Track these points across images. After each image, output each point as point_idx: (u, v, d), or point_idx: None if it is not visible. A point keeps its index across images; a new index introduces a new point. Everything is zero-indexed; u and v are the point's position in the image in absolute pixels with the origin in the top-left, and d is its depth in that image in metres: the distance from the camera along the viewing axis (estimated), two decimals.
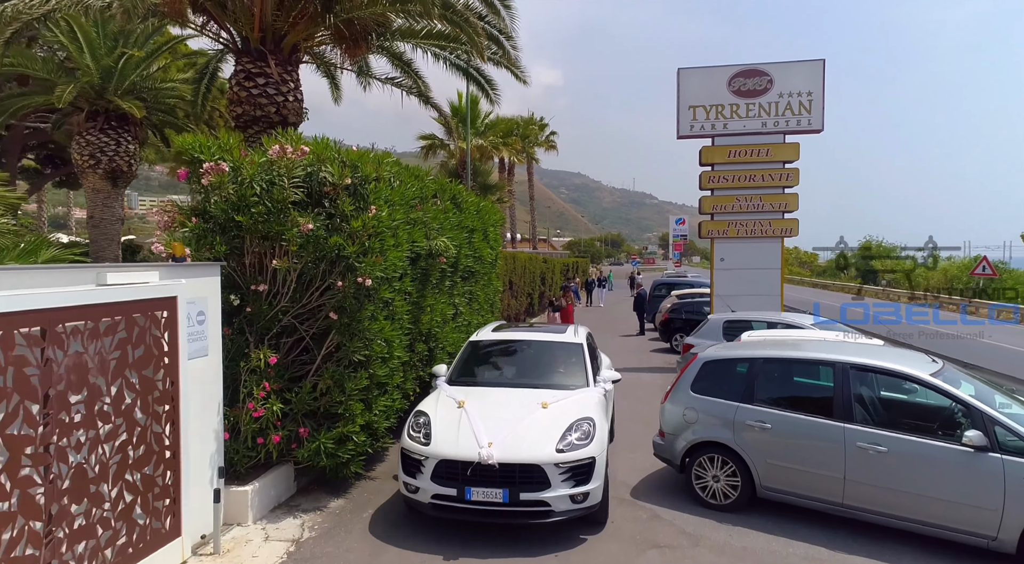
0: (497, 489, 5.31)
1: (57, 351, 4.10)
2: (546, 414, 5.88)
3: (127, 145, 14.92)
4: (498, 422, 5.73)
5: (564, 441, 5.52)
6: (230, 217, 6.27)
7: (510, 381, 6.95)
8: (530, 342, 7.56)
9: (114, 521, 4.55)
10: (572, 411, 5.92)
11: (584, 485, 5.42)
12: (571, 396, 6.31)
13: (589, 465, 5.47)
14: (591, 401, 6.28)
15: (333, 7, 9.65)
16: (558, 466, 5.37)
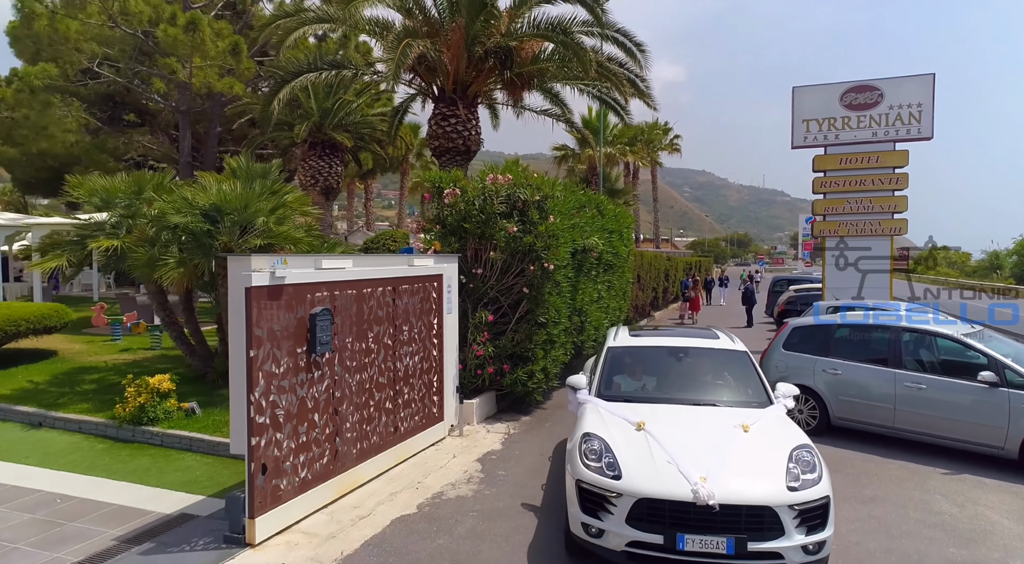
0: (719, 537, 4.21)
1: (397, 300, 7.42)
2: (751, 440, 4.82)
3: (337, 167, 19.21)
4: (696, 451, 4.66)
5: (791, 476, 4.45)
6: (459, 224, 9.52)
7: (681, 397, 5.78)
8: (687, 349, 6.43)
9: (415, 403, 7.85)
10: (781, 436, 4.89)
11: (818, 532, 4.34)
12: (764, 416, 5.26)
13: (824, 506, 4.41)
14: (784, 422, 5.30)
15: (509, 65, 12.86)
16: (792, 508, 4.28)
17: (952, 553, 5.35)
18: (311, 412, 6.01)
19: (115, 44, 19.82)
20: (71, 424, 8.45)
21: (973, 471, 7.31)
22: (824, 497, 4.42)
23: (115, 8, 17.55)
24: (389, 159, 27.11)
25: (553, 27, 12.75)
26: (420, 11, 13.27)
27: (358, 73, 14.73)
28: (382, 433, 7.12)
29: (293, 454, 5.78)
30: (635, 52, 14.02)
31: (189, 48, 17.34)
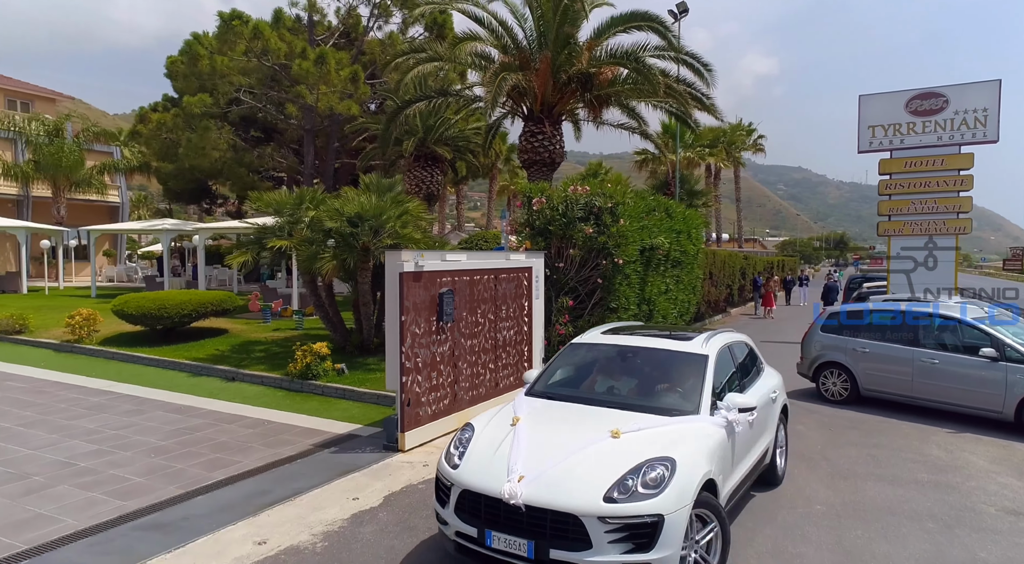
0: (522, 539, 4.07)
1: (498, 285, 9.68)
2: (612, 446, 4.46)
3: (437, 176, 21.90)
4: (548, 450, 4.47)
5: (622, 487, 4.07)
6: (545, 227, 11.68)
7: (599, 398, 5.52)
8: (637, 349, 5.92)
9: (510, 366, 10.08)
10: (650, 447, 4.39)
11: (642, 552, 3.92)
12: (665, 425, 4.76)
13: (653, 525, 3.94)
14: (689, 435, 4.66)
15: (589, 88, 14.91)
16: (604, 521, 3.94)
17: (922, 477, 6.98)
18: (439, 364, 8.35)
19: (253, 74, 23.39)
20: (255, 379, 11.29)
21: (974, 432, 8.72)
22: (654, 516, 3.91)
23: (258, 47, 20.96)
24: (481, 166, 29.70)
25: (626, 55, 14.70)
26: (514, 46, 15.56)
27: (459, 97, 17.22)
28: (487, 386, 9.40)
29: (427, 392, 8.13)
30: (703, 72, 15.70)
31: (317, 78, 20.48)
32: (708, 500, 4.39)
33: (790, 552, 5.17)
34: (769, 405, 6.28)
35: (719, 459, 4.73)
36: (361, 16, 26.15)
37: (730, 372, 5.85)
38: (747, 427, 5.48)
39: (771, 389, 6.45)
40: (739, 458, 5.32)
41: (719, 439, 4.86)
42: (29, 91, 38.19)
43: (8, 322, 14.74)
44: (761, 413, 5.84)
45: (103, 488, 6.32)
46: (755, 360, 6.71)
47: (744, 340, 6.71)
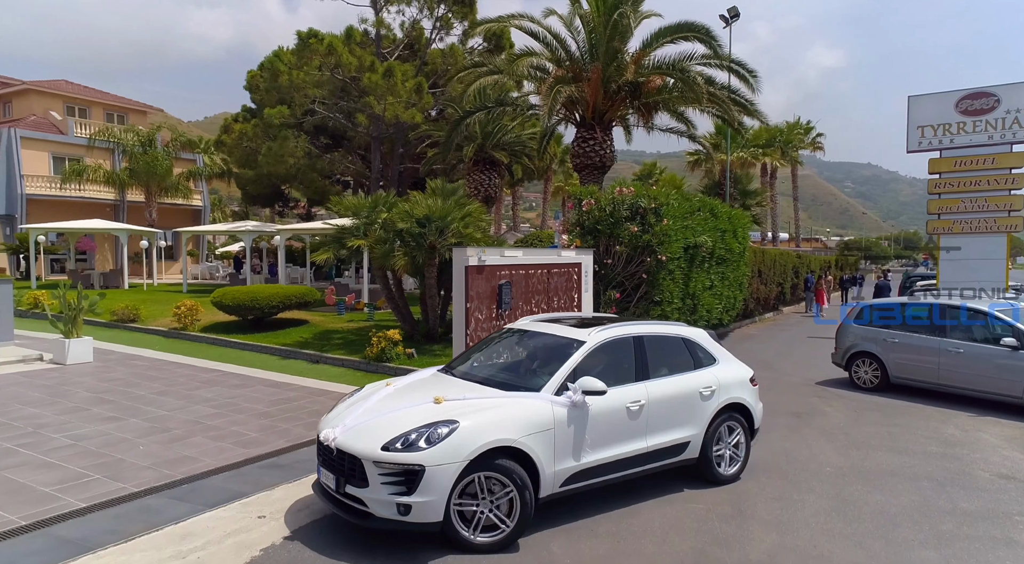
0: (332, 475, 5.06)
1: (550, 278, 10.85)
2: (425, 410, 5.11)
3: (495, 180, 23.24)
4: (378, 409, 5.31)
5: (401, 440, 4.78)
6: (594, 226, 12.76)
7: (478, 374, 6.12)
8: (535, 335, 6.48)
9: None
10: (453, 412, 5.01)
11: (406, 495, 4.67)
12: (495, 398, 5.32)
13: (415, 473, 4.65)
14: (506, 407, 5.17)
15: (638, 96, 15.89)
16: (378, 465, 4.72)
17: (932, 449, 7.76)
18: None
19: (325, 86, 25.31)
20: (336, 361, 12.82)
21: (995, 416, 9.33)
22: (417, 465, 4.61)
23: (332, 62, 22.80)
24: (536, 169, 30.92)
25: (671, 66, 15.62)
26: (567, 58, 16.70)
27: (515, 106, 18.47)
28: None
29: None
30: (747, 78, 16.43)
31: (385, 89, 22.14)
32: (504, 466, 4.89)
33: (794, 499, 6.14)
34: (692, 400, 6.20)
35: (541, 434, 5.11)
36: (424, 29, 27.81)
37: (623, 361, 6.03)
38: (624, 414, 5.67)
39: (703, 384, 6.31)
40: (602, 441, 5.51)
41: (545, 416, 5.18)
42: (124, 105, 41.74)
43: (124, 312, 16.88)
44: (670, 405, 6.00)
45: (228, 440, 7.82)
46: (694, 355, 6.55)
47: (675, 333, 6.59)
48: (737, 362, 6.95)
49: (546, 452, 5.14)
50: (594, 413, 5.47)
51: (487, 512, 4.93)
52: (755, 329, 20.64)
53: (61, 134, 36.05)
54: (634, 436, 5.78)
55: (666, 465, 6.14)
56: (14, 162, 33.19)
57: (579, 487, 5.47)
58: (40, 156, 34.57)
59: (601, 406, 5.53)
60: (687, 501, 6.05)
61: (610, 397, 5.58)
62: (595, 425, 5.48)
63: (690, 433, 6.21)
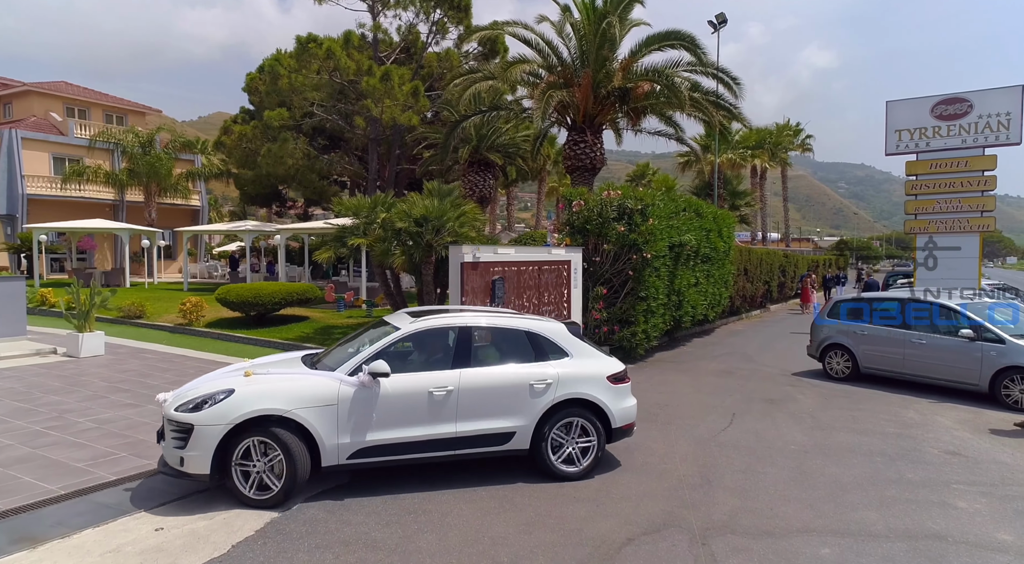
0: (167, 434, 5.77)
1: (541, 275, 11.50)
2: (229, 380, 5.93)
3: (490, 181, 23.88)
4: (208, 379, 6.24)
5: (191, 404, 5.65)
6: (583, 226, 13.42)
7: (320, 358, 6.77)
8: (382, 324, 6.97)
9: None
10: (240, 383, 5.79)
11: (182, 450, 5.52)
12: (290, 375, 6.01)
13: (188, 431, 5.52)
14: (291, 382, 5.85)
15: (627, 101, 16.58)
16: (169, 423, 5.70)
17: (889, 430, 8.45)
18: None
19: (324, 89, 25.89)
20: None
21: (954, 402, 10.04)
22: (188, 424, 5.51)
23: (330, 66, 23.41)
24: (530, 170, 31.58)
25: (657, 73, 16.35)
26: (559, 64, 17.36)
27: (510, 110, 19.13)
28: None
29: None
30: (731, 85, 17.15)
31: (382, 93, 22.76)
32: (275, 433, 5.54)
33: (757, 471, 6.81)
34: (519, 391, 6.22)
35: (322, 408, 5.68)
36: (420, 33, 28.41)
37: (439, 349, 6.43)
38: (427, 397, 5.95)
39: (536, 377, 6.29)
40: (398, 421, 5.87)
41: (330, 392, 5.74)
42: (123, 106, 42.20)
43: (131, 309, 17.45)
44: (487, 394, 6.12)
45: None
46: (538, 348, 6.52)
47: (518, 326, 6.64)
48: (599, 359, 6.77)
49: (327, 425, 5.68)
50: (388, 394, 5.86)
51: (262, 473, 5.60)
52: (741, 325, 21.34)
53: (61, 135, 36.52)
54: (440, 420, 6.00)
55: (486, 453, 6.22)
56: (15, 162, 33.66)
57: (372, 462, 5.89)
58: (41, 157, 35.05)
59: (399, 388, 5.90)
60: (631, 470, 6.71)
61: (411, 380, 5.97)
62: (388, 405, 5.86)
63: (515, 423, 6.20)
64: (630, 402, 6.79)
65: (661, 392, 10.77)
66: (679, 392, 10.80)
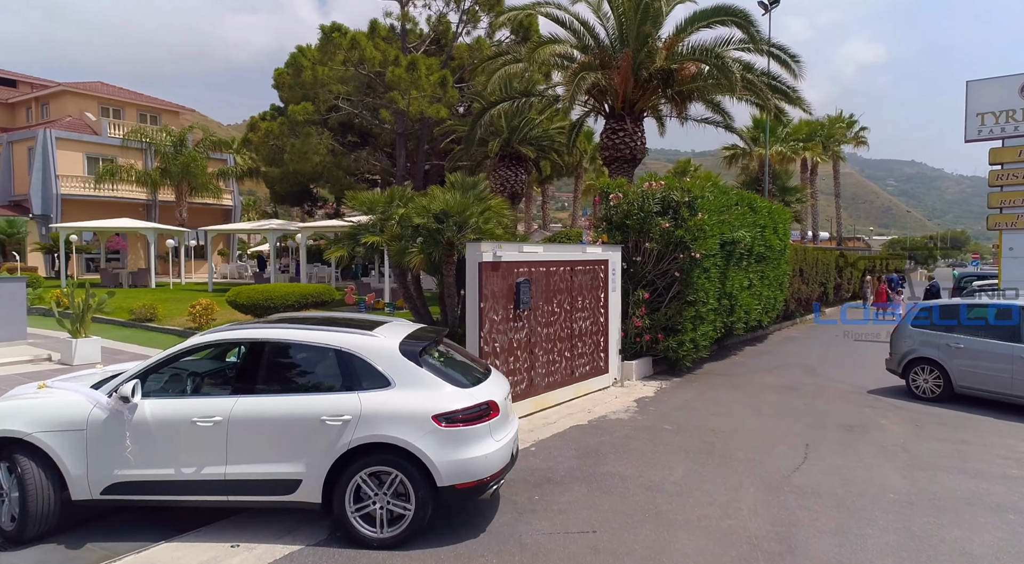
0: None
1: (574, 276, 10.03)
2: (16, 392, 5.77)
3: (521, 175, 22.47)
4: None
5: None
6: (622, 222, 11.89)
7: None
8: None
9: (586, 356, 10.40)
10: (10, 400, 5.46)
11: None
12: (64, 392, 5.37)
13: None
14: (48, 399, 5.27)
15: (671, 84, 14.95)
16: None
17: (1012, 472, 6.72)
18: (516, 350, 8.81)
19: (350, 82, 24.87)
20: None
21: None
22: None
23: (356, 57, 22.34)
24: (565, 165, 30.06)
25: (706, 52, 14.66)
26: (596, 45, 15.85)
27: (542, 97, 17.69)
28: (563, 373, 9.77)
29: (505, 376, 8.60)
30: (789, 63, 15.34)
31: (408, 83, 21.58)
32: (16, 458, 4.98)
33: (853, 533, 5.23)
34: (307, 428, 4.88)
35: (69, 433, 5.01)
36: (450, 23, 27.21)
37: (223, 369, 5.77)
38: (191, 430, 4.94)
39: (332, 412, 4.87)
40: (160, 456, 4.98)
41: (79, 415, 5.06)
42: (157, 106, 42.18)
43: (141, 312, 16.61)
44: (264, 429, 4.93)
45: None
46: (349, 373, 5.08)
47: (329, 343, 5.20)
48: (436, 390, 5.01)
49: (73, 454, 4.99)
50: (145, 422, 5.00)
51: (4, 503, 5.05)
52: (796, 331, 19.46)
53: (95, 135, 36.51)
54: (206, 458, 4.95)
55: (269, 502, 5.02)
56: (50, 163, 33.69)
57: (130, 500, 5.09)
58: (75, 156, 35.05)
59: (159, 416, 5.02)
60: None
61: (173, 407, 5.06)
62: (144, 435, 5.00)
63: (299, 470, 4.87)
64: (475, 452, 4.91)
65: (714, 414, 9.19)
66: (736, 414, 9.21)
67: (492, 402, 5.13)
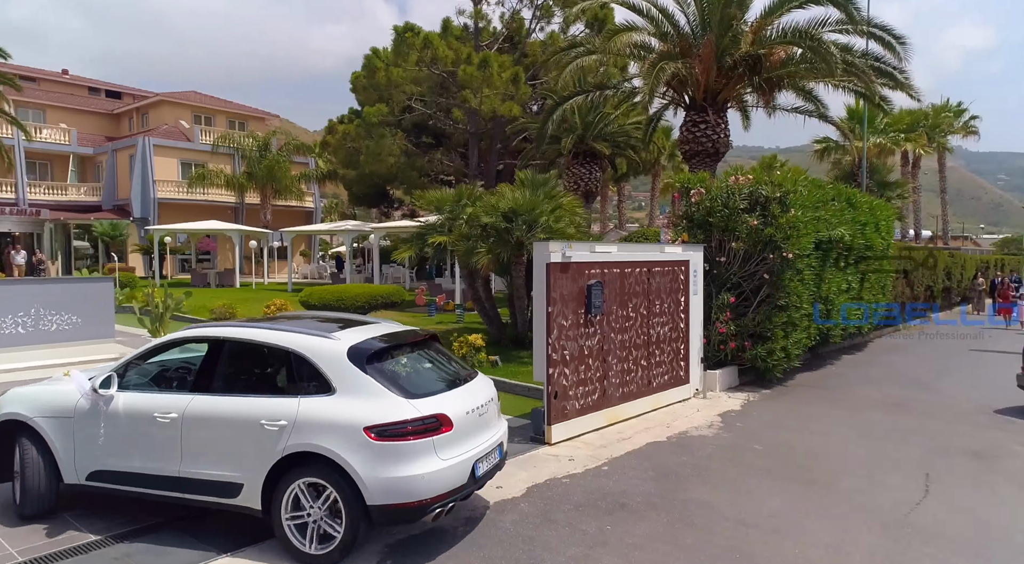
0: None
1: (651, 278, 9.27)
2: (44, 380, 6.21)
3: (596, 173, 21.71)
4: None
5: None
6: (705, 219, 10.99)
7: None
8: None
9: (664, 364, 9.60)
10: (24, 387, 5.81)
11: None
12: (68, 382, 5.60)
13: None
14: (52, 387, 5.65)
15: (758, 71, 13.83)
16: None
17: None
18: (587, 357, 8.16)
19: (424, 82, 24.83)
20: None
21: None
22: None
23: (428, 56, 22.25)
24: (642, 163, 28.98)
25: (799, 33, 13.42)
26: (675, 32, 14.91)
27: (617, 90, 16.91)
28: (638, 383, 9.03)
29: (574, 386, 7.98)
30: (894, 45, 13.85)
31: (480, 81, 21.25)
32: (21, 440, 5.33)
33: None
34: (246, 432, 4.70)
35: (61, 419, 5.27)
36: (524, 19, 26.75)
37: (190, 363, 5.70)
38: (153, 424, 5.00)
39: (269, 416, 4.63)
40: (129, 448, 5.11)
41: (69, 403, 5.28)
42: (245, 112, 44.09)
43: (220, 311, 17.02)
44: (212, 430, 4.86)
45: None
46: (295, 376, 4.93)
47: (284, 344, 4.98)
48: (371, 400, 4.59)
49: (63, 439, 5.25)
50: (117, 413, 5.15)
51: (15, 481, 5.42)
52: (901, 339, 17.72)
53: (188, 141, 38.47)
54: (165, 454, 4.98)
55: (218, 504, 4.89)
56: (148, 168, 35.73)
57: (109, 488, 5.23)
58: (170, 162, 37.04)
59: (129, 409, 5.13)
60: None
61: (140, 401, 5.15)
62: (115, 426, 5.15)
63: (239, 474, 4.74)
64: (413, 470, 4.46)
65: (811, 433, 8.21)
66: (836, 434, 8.19)
67: (441, 416, 4.66)
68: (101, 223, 32.67)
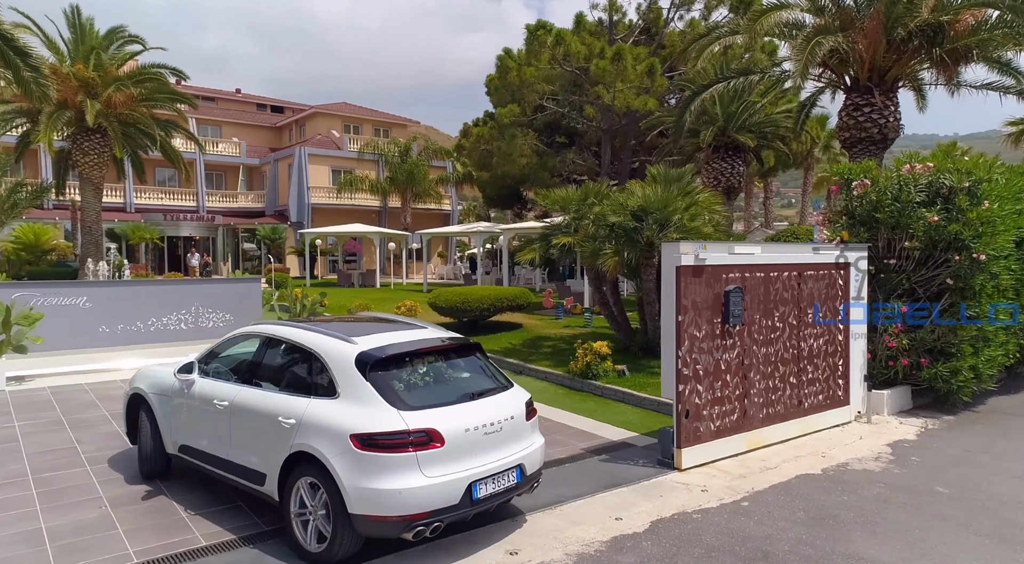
0: None
1: (802, 283, 8.06)
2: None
3: (739, 167, 20.04)
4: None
5: None
6: (870, 214, 9.46)
7: None
8: None
9: (819, 382, 8.32)
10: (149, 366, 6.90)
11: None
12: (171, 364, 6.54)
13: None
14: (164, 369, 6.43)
15: (939, 42, 11.82)
16: None
17: None
18: (724, 373, 7.20)
19: (556, 81, 24.39)
20: (539, 374, 11.43)
21: None
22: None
23: (560, 53, 21.77)
24: (792, 155, 26.53)
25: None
26: (834, 4, 13.16)
27: (764, 75, 15.35)
28: (786, 403, 7.88)
29: (709, 405, 7.06)
30: None
31: (614, 75, 20.42)
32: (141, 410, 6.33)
33: None
34: (268, 426, 4.96)
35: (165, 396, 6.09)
36: (661, 9, 25.51)
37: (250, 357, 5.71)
38: (214, 410, 5.49)
39: (285, 413, 4.85)
40: (202, 429, 5.70)
41: (170, 381, 5.99)
42: (389, 120, 46.41)
43: (356, 309, 17.71)
44: (248, 422, 5.22)
45: None
46: (315, 377, 5.00)
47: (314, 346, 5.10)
48: (365, 408, 4.57)
49: (164, 414, 6.05)
50: (193, 397, 5.74)
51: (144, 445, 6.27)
52: None
53: (338, 149, 41.11)
54: (219, 438, 5.48)
55: (252, 489, 5.21)
56: (303, 176, 38.64)
57: (193, 463, 5.79)
58: (322, 169, 39.79)
59: (199, 393, 5.68)
60: None
61: (208, 388, 5.64)
62: (190, 409, 5.80)
63: (262, 465, 5.05)
64: (394, 484, 4.34)
65: (1015, 476, 6.64)
66: None
67: (432, 431, 4.51)
68: (263, 227, 35.77)
